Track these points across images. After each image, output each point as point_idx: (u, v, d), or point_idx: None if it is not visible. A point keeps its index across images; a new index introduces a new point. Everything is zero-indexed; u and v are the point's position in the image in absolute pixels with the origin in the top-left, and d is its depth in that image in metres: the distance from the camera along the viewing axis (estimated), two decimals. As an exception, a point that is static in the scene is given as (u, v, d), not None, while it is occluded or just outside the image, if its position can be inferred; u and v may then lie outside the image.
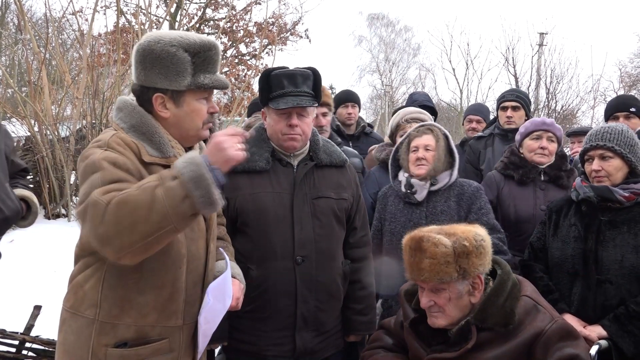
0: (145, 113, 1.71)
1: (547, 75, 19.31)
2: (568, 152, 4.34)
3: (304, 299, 2.19)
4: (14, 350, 3.27)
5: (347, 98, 4.31)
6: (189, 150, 1.80)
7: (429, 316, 1.95)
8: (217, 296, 1.77)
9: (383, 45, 32.54)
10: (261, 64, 16.43)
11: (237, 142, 1.58)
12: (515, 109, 3.87)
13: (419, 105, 3.70)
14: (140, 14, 11.97)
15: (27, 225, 2.72)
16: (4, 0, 18.62)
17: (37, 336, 3.26)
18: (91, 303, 1.65)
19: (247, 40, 18.08)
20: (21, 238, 6.16)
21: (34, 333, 3.30)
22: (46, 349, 3.22)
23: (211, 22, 18.43)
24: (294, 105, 2.14)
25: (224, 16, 17.44)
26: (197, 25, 17.22)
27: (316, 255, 2.20)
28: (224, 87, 1.75)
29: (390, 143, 3.22)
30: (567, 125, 17.53)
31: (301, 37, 19.28)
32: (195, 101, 1.72)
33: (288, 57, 24.26)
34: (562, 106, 19.22)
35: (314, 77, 2.22)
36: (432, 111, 3.88)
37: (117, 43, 9.18)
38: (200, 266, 1.80)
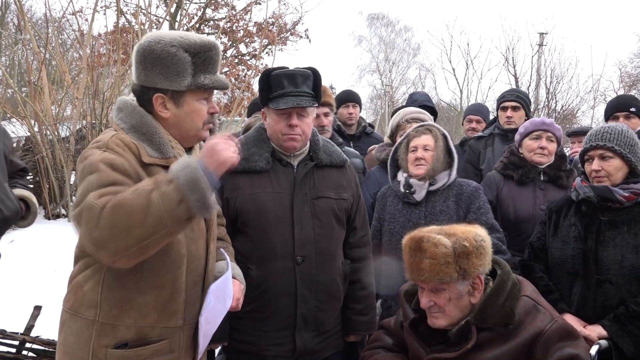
0: (146, 113, 1.71)
1: (547, 75, 19.31)
2: (568, 152, 4.34)
3: (304, 299, 2.19)
4: (14, 350, 3.27)
5: (348, 98, 4.31)
6: (189, 151, 1.81)
7: (429, 316, 1.95)
8: (218, 297, 1.77)
9: (383, 45, 32.53)
10: (261, 64, 16.44)
11: (232, 146, 1.59)
12: (515, 109, 3.87)
13: (418, 105, 3.69)
14: (140, 14, 11.99)
15: (27, 225, 2.72)
16: (4, 0, 18.63)
17: (37, 336, 3.26)
18: (91, 304, 1.65)
19: (247, 40, 18.08)
20: (21, 238, 6.16)
21: (34, 333, 3.30)
22: (46, 349, 3.22)
23: (211, 22, 18.42)
24: (294, 106, 2.14)
25: (224, 16, 17.45)
26: (197, 25, 17.22)
27: (316, 255, 2.20)
28: (224, 88, 1.75)
29: (390, 143, 3.21)
30: (567, 125, 17.53)
31: (301, 37, 19.29)
32: (196, 101, 1.72)
33: (288, 57, 24.29)
34: (562, 106, 19.23)
35: (314, 77, 2.22)
36: (432, 111, 3.88)
37: (117, 43, 9.18)
38: (201, 266, 1.80)
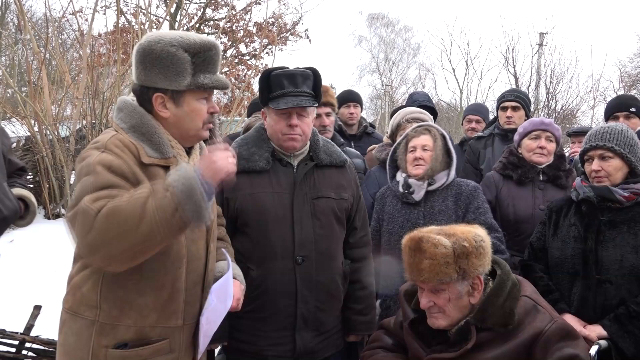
0: (146, 113, 1.71)
1: (547, 75, 19.27)
2: (568, 152, 4.34)
3: (304, 299, 2.19)
4: (14, 350, 3.27)
5: (350, 98, 4.31)
6: (189, 150, 1.81)
7: (428, 317, 1.95)
8: (220, 297, 1.77)
9: (383, 45, 32.45)
10: (261, 64, 16.41)
11: (229, 156, 1.59)
12: (515, 109, 3.87)
13: (418, 106, 3.69)
14: (140, 14, 11.98)
15: (26, 225, 2.72)
16: (4, 0, 18.63)
17: (37, 336, 3.27)
18: (90, 304, 1.65)
19: (247, 40, 18.05)
20: (21, 238, 6.17)
21: (34, 333, 3.30)
22: (46, 349, 3.22)
23: (211, 22, 18.41)
24: (294, 105, 2.14)
25: (224, 16, 17.45)
26: (197, 25, 17.22)
27: (316, 255, 2.20)
28: (224, 87, 1.75)
29: (390, 143, 3.21)
30: (567, 125, 17.50)
31: (301, 37, 19.25)
32: (195, 101, 1.72)
33: (288, 57, 24.20)
34: (562, 106, 19.19)
35: (314, 77, 2.22)
36: (432, 111, 3.87)
37: (117, 43, 9.18)
38: (201, 266, 1.80)
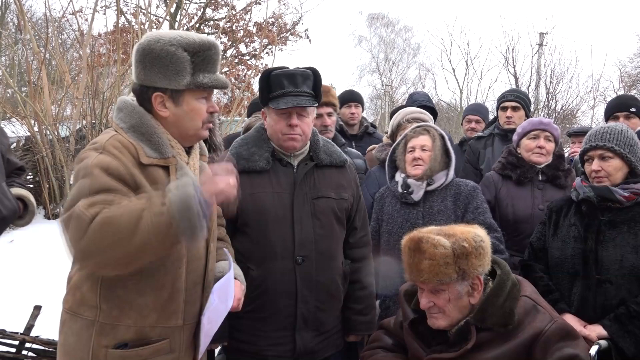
0: (145, 113, 1.70)
1: (547, 75, 19.24)
2: (567, 152, 4.34)
3: (304, 299, 2.19)
4: (14, 350, 3.27)
5: (351, 98, 4.30)
6: (189, 150, 1.81)
7: (428, 317, 1.95)
8: (221, 296, 1.77)
9: (383, 45, 32.44)
10: (261, 64, 16.40)
11: (231, 179, 1.60)
12: (515, 109, 3.87)
13: (418, 106, 3.69)
14: (140, 14, 11.99)
15: (25, 225, 2.72)
16: (4, 0, 18.62)
17: (37, 336, 3.27)
18: (90, 304, 1.65)
19: (247, 40, 18.04)
20: (21, 238, 6.17)
21: (34, 333, 3.30)
22: (46, 349, 3.22)
23: (211, 22, 18.41)
24: (294, 105, 2.14)
25: (224, 16, 17.44)
26: (197, 25, 17.22)
27: (316, 255, 2.20)
28: (223, 87, 1.75)
29: (390, 143, 3.21)
30: (567, 125, 17.50)
31: (301, 37, 19.23)
32: (195, 100, 1.71)
33: (288, 57, 24.17)
34: (562, 106, 19.17)
35: (314, 77, 2.22)
36: (432, 111, 3.87)
37: (117, 43, 9.19)
38: (201, 266, 1.79)
